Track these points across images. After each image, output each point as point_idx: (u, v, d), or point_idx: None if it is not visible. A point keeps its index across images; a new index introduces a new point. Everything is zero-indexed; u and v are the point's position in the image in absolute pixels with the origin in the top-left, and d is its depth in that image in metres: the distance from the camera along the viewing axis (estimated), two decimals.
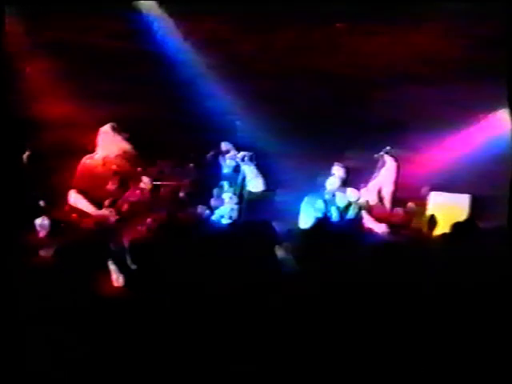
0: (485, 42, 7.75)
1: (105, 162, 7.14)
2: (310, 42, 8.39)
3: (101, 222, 6.79)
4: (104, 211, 6.84)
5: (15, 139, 7.08)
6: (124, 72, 8.17)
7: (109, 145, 7.21)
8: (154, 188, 7.52)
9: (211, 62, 8.38)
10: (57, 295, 4.22)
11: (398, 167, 8.12)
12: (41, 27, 7.93)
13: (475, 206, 8.01)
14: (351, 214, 7.78)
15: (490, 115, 8.32)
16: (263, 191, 7.87)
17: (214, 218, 7.48)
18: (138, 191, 7.45)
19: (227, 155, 7.90)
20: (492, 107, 8.13)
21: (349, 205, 7.85)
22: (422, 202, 8.08)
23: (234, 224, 7.19)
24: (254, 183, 7.89)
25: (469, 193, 8.18)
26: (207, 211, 7.52)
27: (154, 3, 8.35)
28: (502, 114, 8.01)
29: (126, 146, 7.24)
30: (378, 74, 8.35)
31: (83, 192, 6.91)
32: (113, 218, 6.83)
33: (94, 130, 7.57)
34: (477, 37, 7.86)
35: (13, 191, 6.54)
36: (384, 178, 8.11)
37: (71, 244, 5.10)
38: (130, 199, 7.27)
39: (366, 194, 7.99)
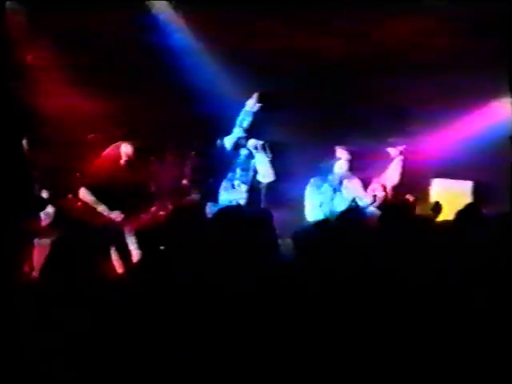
0: (487, 27, 7.74)
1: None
2: (311, 28, 8.37)
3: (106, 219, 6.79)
4: (112, 214, 6.83)
5: (16, 128, 7.06)
6: (128, 62, 8.18)
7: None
8: (156, 177, 7.50)
9: (214, 50, 8.40)
10: (58, 282, 4.23)
11: (404, 160, 8.08)
12: (44, 15, 7.91)
13: (477, 192, 8.04)
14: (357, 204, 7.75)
15: (493, 101, 8.31)
16: (272, 181, 7.80)
17: (221, 205, 7.46)
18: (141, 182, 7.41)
19: (239, 141, 7.87)
20: (494, 93, 8.13)
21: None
22: (424, 189, 8.10)
23: (240, 212, 7.16)
24: (264, 173, 7.82)
25: (471, 179, 8.20)
26: (211, 199, 7.52)
27: None
28: (504, 100, 8.01)
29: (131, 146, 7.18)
30: (379, 60, 8.35)
31: (93, 189, 6.89)
32: (119, 219, 6.84)
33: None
34: (478, 21, 7.83)
35: (15, 182, 6.54)
36: (390, 172, 8.08)
37: (74, 231, 5.11)
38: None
39: (373, 190, 7.93)
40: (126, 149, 7.04)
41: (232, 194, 7.69)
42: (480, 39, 7.92)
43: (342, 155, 7.88)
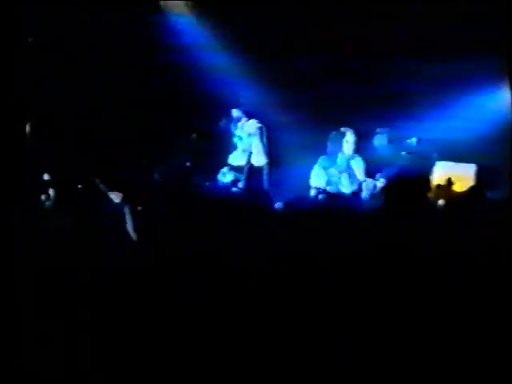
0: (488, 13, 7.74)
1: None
2: (313, 11, 8.37)
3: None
4: (110, 194, 6.87)
5: (17, 111, 7.08)
6: (130, 44, 8.17)
7: None
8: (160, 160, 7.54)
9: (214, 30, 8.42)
10: (64, 264, 4.25)
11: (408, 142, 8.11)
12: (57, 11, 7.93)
13: (481, 175, 8.04)
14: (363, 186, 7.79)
15: (493, 86, 8.32)
16: (266, 164, 7.86)
17: (222, 185, 7.54)
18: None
19: (239, 123, 7.99)
20: (494, 78, 8.14)
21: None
22: (427, 172, 8.10)
23: (239, 193, 7.24)
24: (258, 156, 7.94)
25: (473, 162, 8.20)
26: (213, 180, 7.57)
27: None
28: (504, 84, 8.02)
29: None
30: (381, 44, 8.35)
31: (93, 169, 6.91)
32: (117, 200, 6.86)
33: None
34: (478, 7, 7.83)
35: (17, 165, 6.56)
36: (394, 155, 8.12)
37: (76, 215, 5.13)
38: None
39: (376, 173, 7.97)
40: None
41: (233, 174, 7.75)
42: (480, 25, 7.92)
43: (348, 137, 7.95)
